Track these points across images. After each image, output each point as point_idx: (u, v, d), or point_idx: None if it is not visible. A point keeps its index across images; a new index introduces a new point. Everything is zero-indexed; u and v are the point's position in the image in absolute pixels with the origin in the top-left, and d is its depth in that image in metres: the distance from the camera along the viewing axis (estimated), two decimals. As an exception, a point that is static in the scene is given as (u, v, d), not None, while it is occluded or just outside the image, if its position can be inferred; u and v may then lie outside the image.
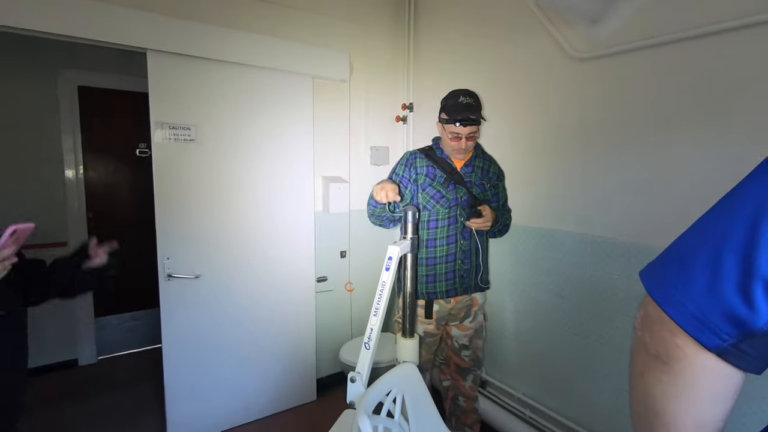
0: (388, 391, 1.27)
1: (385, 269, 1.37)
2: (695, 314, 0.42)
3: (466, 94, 1.74)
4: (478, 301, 1.92)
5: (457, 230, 1.81)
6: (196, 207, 2.05)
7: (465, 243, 1.83)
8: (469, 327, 1.90)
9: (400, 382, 1.32)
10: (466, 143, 1.76)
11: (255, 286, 2.24)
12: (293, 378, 2.42)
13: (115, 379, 2.71)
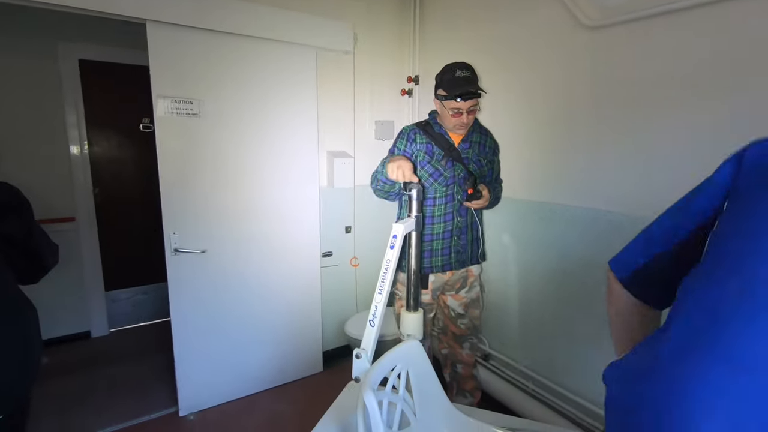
0: (392, 366, 1.28)
1: (389, 247, 1.36)
2: (618, 260, 0.75)
3: (462, 67, 1.69)
4: (473, 272, 1.94)
5: (454, 208, 1.81)
6: (200, 182, 2.05)
7: (461, 220, 1.83)
8: (464, 297, 1.93)
9: (405, 359, 1.33)
10: (467, 117, 1.72)
11: (261, 261, 2.26)
12: (300, 350, 2.48)
13: (127, 351, 2.79)
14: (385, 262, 1.35)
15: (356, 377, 1.30)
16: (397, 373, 1.30)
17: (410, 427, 1.30)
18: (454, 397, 2.09)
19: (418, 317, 1.53)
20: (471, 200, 1.77)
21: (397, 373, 1.29)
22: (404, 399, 1.31)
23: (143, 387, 2.36)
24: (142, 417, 2.09)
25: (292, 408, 2.20)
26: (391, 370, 1.28)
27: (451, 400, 2.04)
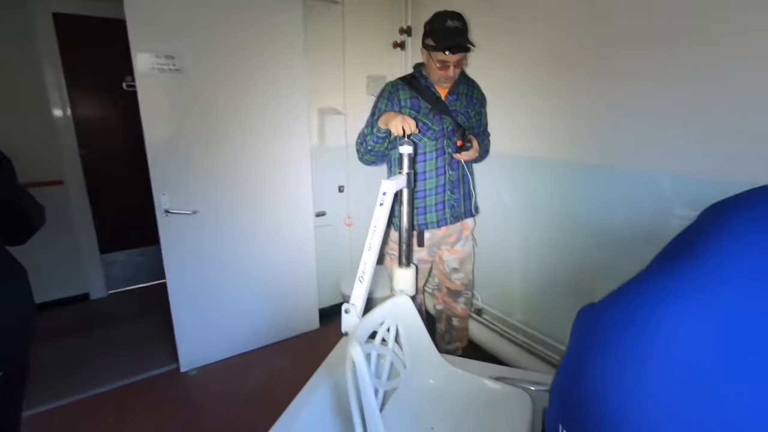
0: (381, 321, 1.31)
1: (379, 204, 1.35)
2: None
3: (453, 17, 1.61)
4: (468, 225, 1.95)
5: (445, 162, 1.78)
6: (188, 142, 2.00)
7: (453, 174, 1.82)
8: (459, 251, 1.95)
9: (394, 313, 1.35)
10: (453, 71, 1.67)
11: (253, 221, 2.25)
12: (296, 308, 2.52)
13: (126, 312, 2.84)
14: (375, 219, 1.34)
15: (345, 332, 1.32)
16: (387, 327, 1.32)
17: (400, 378, 1.34)
18: (447, 345, 2.17)
19: (410, 273, 1.55)
20: (461, 152, 1.74)
21: (386, 327, 1.32)
22: (394, 352, 1.34)
23: (143, 346, 2.42)
24: (144, 374, 2.16)
25: (290, 363, 2.27)
26: (380, 325, 1.31)
27: (442, 347, 2.11)
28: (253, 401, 1.96)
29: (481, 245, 2.23)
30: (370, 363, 1.23)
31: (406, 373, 1.35)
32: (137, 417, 1.88)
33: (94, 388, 2.04)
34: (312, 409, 1.23)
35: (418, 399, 1.33)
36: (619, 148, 1.57)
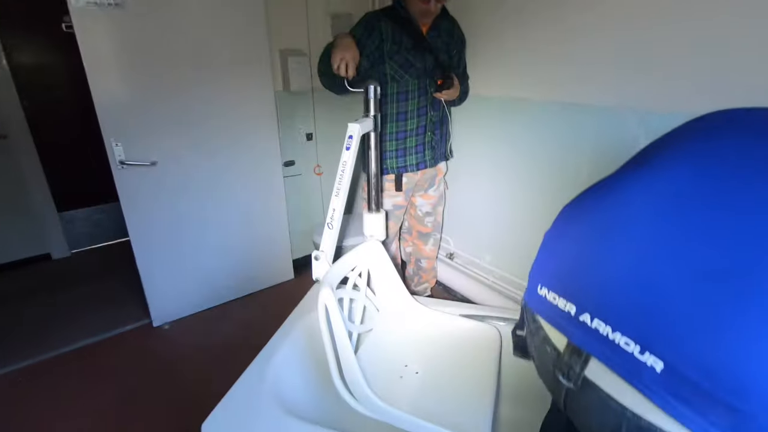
0: (353, 266, 1.30)
1: (345, 148, 1.30)
2: None
3: None
4: (441, 170, 1.96)
5: (428, 102, 1.73)
6: (139, 86, 1.85)
7: (435, 114, 1.78)
8: (433, 195, 1.96)
9: (365, 258, 1.35)
10: (435, 5, 1.58)
11: (218, 172, 2.16)
12: (270, 259, 2.50)
13: (92, 270, 2.76)
14: (342, 163, 1.30)
15: (316, 278, 1.32)
16: (358, 272, 1.32)
17: (374, 321, 1.36)
18: (416, 286, 2.23)
19: (380, 218, 1.53)
20: (442, 90, 1.69)
21: (357, 272, 1.32)
22: (366, 296, 1.35)
23: (113, 303, 2.37)
24: (116, 329, 2.13)
25: (265, 313, 2.28)
26: (351, 270, 1.31)
27: (412, 289, 2.16)
28: (228, 350, 1.98)
29: (453, 189, 2.23)
30: (343, 308, 1.25)
31: (380, 316, 1.37)
32: (110, 372, 1.87)
33: (62, 347, 2.01)
34: (285, 351, 1.25)
35: (391, 340, 1.37)
36: (589, 86, 1.55)
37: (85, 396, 1.74)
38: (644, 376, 0.47)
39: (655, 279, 0.49)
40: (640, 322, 0.49)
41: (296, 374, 1.25)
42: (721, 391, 0.42)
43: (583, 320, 0.54)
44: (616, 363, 0.50)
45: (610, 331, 0.51)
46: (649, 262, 0.50)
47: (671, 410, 0.46)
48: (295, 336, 1.31)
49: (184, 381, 1.81)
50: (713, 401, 0.43)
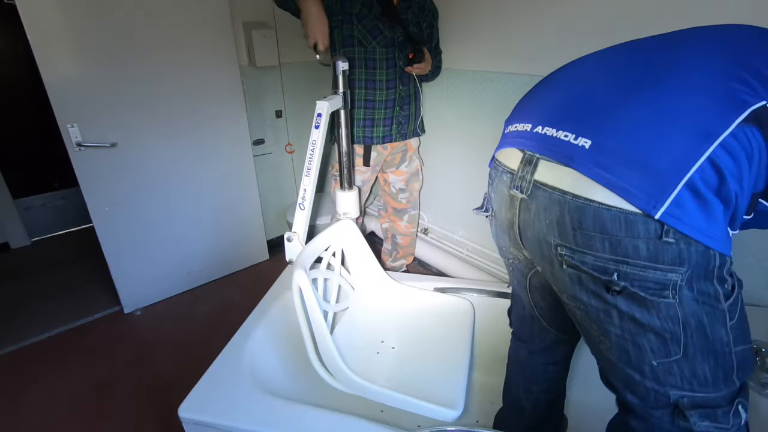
0: (326, 246, 1.30)
1: (314, 127, 1.27)
2: None
3: None
4: (412, 146, 1.94)
5: (397, 75, 1.70)
6: (90, 62, 1.73)
7: (404, 89, 1.75)
8: (405, 171, 1.96)
9: (338, 237, 1.35)
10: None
11: (184, 151, 2.08)
12: (244, 241, 2.46)
13: (55, 259, 2.65)
14: (311, 143, 1.28)
15: (289, 259, 1.31)
16: (332, 252, 1.32)
17: (349, 299, 1.37)
18: (393, 262, 2.25)
19: (353, 195, 1.52)
20: (413, 64, 1.66)
21: (331, 251, 1.32)
22: (341, 275, 1.36)
23: (81, 291, 2.29)
24: (85, 318, 2.08)
25: (241, 295, 2.26)
26: (325, 250, 1.30)
27: (388, 265, 2.19)
28: (204, 334, 1.97)
29: (427, 165, 2.23)
30: (318, 288, 1.25)
31: (355, 294, 1.38)
32: (81, 361, 1.83)
33: (29, 338, 1.94)
34: (261, 332, 1.25)
35: (367, 317, 1.39)
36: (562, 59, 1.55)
37: (58, 386, 1.70)
38: (578, 156, 0.65)
39: (590, 93, 0.71)
40: (576, 120, 0.69)
41: (273, 354, 1.25)
42: (627, 154, 0.62)
43: (536, 131, 0.73)
44: (559, 152, 0.68)
45: (555, 132, 0.70)
46: (587, 83, 0.74)
47: (597, 177, 0.63)
48: (270, 316, 1.30)
49: (160, 366, 1.79)
50: (623, 163, 0.61)
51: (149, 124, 1.94)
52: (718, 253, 0.62)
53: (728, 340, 0.67)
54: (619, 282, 0.65)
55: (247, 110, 2.24)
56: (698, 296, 0.64)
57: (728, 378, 0.69)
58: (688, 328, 0.66)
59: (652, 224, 0.61)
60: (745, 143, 0.58)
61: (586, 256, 0.68)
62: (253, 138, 2.33)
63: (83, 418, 1.55)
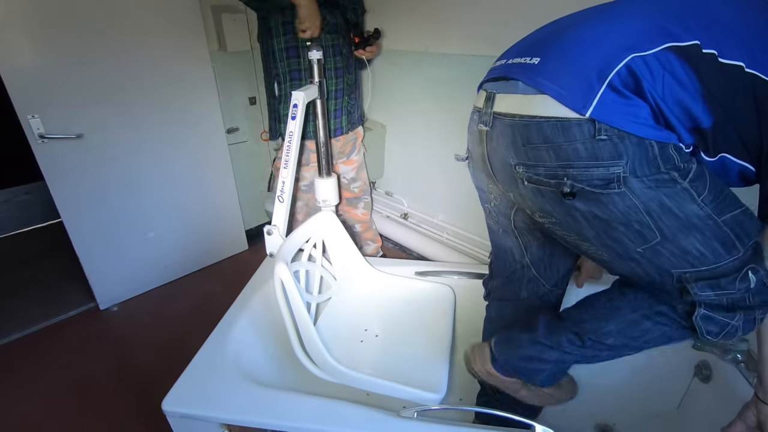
0: (307, 238, 1.29)
1: (291, 118, 1.25)
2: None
3: None
4: (360, 133, 1.94)
5: (344, 63, 1.67)
6: (50, 49, 1.64)
7: (350, 77, 1.73)
8: (355, 160, 1.95)
9: (319, 229, 1.34)
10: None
11: (155, 142, 2.01)
12: (222, 231, 2.43)
13: (23, 256, 2.55)
14: (288, 134, 1.26)
15: (270, 252, 1.30)
16: (313, 243, 1.32)
17: (332, 289, 1.37)
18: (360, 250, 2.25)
19: (332, 182, 1.51)
20: (365, 47, 1.64)
21: (312, 243, 1.31)
22: (323, 266, 1.36)
23: (53, 288, 2.23)
24: (59, 316, 2.02)
25: (220, 286, 2.24)
26: (306, 242, 1.30)
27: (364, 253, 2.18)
28: (184, 327, 1.94)
29: (402, 151, 2.23)
30: (299, 280, 1.24)
31: (337, 284, 1.39)
32: (58, 360, 1.79)
33: (1, 338, 1.88)
34: (244, 322, 1.24)
35: (350, 306, 1.40)
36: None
37: (35, 386, 1.66)
38: (528, 71, 0.75)
39: (558, 29, 0.79)
40: (535, 46, 0.79)
41: (257, 343, 1.25)
42: (566, 64, 0.72)
43: (511, 62, 0.82)
44: (521, 72, 0.77)
45: (527, 59, 0.78)
46: (556, 25, 0.81)
47: (539, 85, 0.72)
48: (252, 306, 1.30)
49: (140, 362, 1.77)
50: (562, 71, 0.71)
51: (117, 113, 1.86)
52: (654, 142, 0.68)
53: (707, 213, 0.71)
54: (569, 183, 0.73)
55: (220, 97, 2.18)
56: (649, 183, 0.70)
57: (729, 246, 0.72)
58: (653, 212, 0.71)
59: (585, 126, 0.69)
60: (667, 66, 0.65)
61: (539, 168, 0.76)
62: (226, 126, 2.27)
63: (63, 418, 1.53)
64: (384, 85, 2.18)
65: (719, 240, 0.72)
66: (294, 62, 1.58)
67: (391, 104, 2.21)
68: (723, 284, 0.74)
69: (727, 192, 0.74)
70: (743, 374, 1.02)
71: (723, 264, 0.73)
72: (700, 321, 0.76)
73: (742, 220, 0.73)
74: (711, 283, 0.74)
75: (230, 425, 1.01)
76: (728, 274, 0.74)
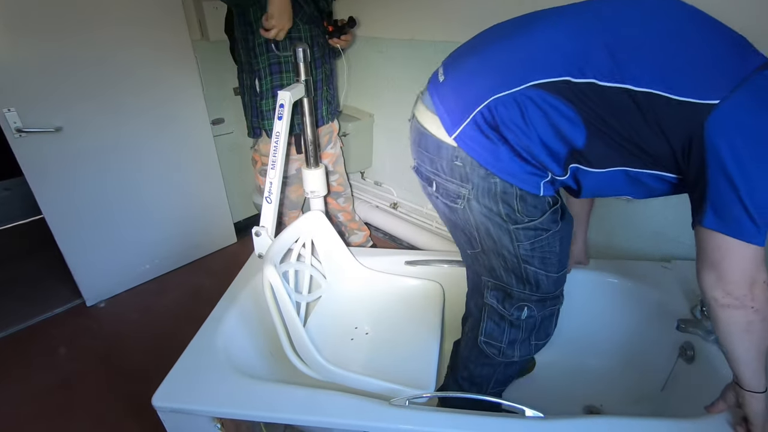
0: (296, 238, 1.28)
1: (277, 118, 1.23)
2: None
3: None
4: (335, 126, 1.90)
5: (321, 53, 1.64)
6: (25, 39, 1.58)
7: (328, 67, 1.70)
8: (332, 153, 1.92)
9: (307, 229, 1.34)
10: None
11: (137, 134, 1.96)
12: (209, 224, 2.40)
13: (7, 254, 2.49)
14: (275, 134, 1.24)
15: (259, 254, 1.29)
16: (302, 243, 1.31)
17: (321, 288, 1.37)
18: (348, 239, 2.24)
19: (319, 173, 1.50)
20: (340, 36, 1.61)
21: (301, 243, 1.31)
22: (312, 265, 1.35)
23: (37, 286, 2.19)
24: (44, 314, 1.99)
25: (210, 280, 2.22)
26: (295, 242, 1.29)
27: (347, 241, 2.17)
28: (174, 322, 1.94)
29: (390, 140, 2.22)
30: (289, 280, 1.24)
31: (326, 283, 1.39)
32: (46, 357, 1.77)
33: (-14, 338, 1.85)
34: (233, 317, 1.23)
35: (340, 304, 1.40)
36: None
37: (23, 384, 1.64)
38: (435, 88, 0.87)
39: (472, 48, 0.86)
40: (450, 68, 0.87)
41: (247, 337, 1.25)
42: (454, 90, 0.83)
43: (438, 71, 0.89)
44: (432, 86, 0.88)
45: (441, 75, 0.87)
46: (477, 42, 0.87)
47: (432, 104, 0.85)
48: (241, 300, 1.29)
49: (129, 358, 1.76)
50: (450, 95, 0.83)
51: (97, 105, 1.81)
52: (499, 180, 0.81)
53: (516, 254, 0.90)
54: (435, 188, 0.92)
55: (203, 88, 2.13)
56: (484, 210, 0.86)
57: (521, 281, 0.94)
58: (480, 231, 0.91)
59: (450, 149, 0.83)
60: (528, 104, 0.73)
61: (422, 167, 0.94)
62: (211, 117, 2.23)
63: (52, 417, 1.52)
64: (370, 74, 2.16)
65: (515, 273, 0.93)
66: (274, 56, 1.55)
67: (378, 93, 2.18)
68: (505, 302, 0.98)
69: (552, 260, 0.91)
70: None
71: (512, 288, 0.96)
72: (487, 318, 1.03)
73: (541, 279, 0.93)
74: (499, 295, 0.99)
75: (222, 419, 1.01)
76: (512, 297, 0.97)
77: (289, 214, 1.91)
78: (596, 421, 0.92)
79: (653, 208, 1.42)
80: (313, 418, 0.95)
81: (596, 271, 1.38)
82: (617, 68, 0.67)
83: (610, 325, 1.39)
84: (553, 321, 1.04)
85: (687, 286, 1.26)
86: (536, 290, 0.94)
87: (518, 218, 0.85)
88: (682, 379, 1.20)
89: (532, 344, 1.03)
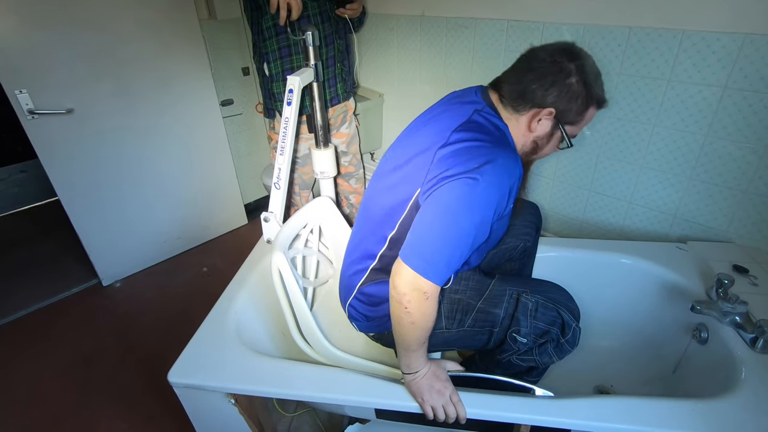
0: (304, 224, 1.28)
1: (286, 104, 1.21)
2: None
3: None
4: (350, 105, 1.85)
5: (332, 28, 1.59)
6: (36, 21, 1.58)
7: (341, 43, 1.65)
8: (346, 133, 1.89)
9: (316, 215, 1.33)
10: None
11: (148, 116, 1.97)
12: (221, 206, 2.42)
13: (23, 235, 2.56)
14: (284, 120, 1.22)
15: (268, 239, 1.29)
16: (310, 229, 1.31)
17: (329, 273, 1.38)
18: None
19: (329, 153, 1.48)
20: (345, 5, 1.56)
21: (309, 229, 1.30)
22: (320, 251, 1.35)
23: (55, 266, 2.25)
24: (62, 293, 2.05)
25: (221, 260, 2.25)
26: (303, 228, 1.29)
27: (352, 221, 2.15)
28: (188, 301, 1.98)
29: (401, 120, 2.18)
30: (297, 266, 1.24)
31: (334, 269, 1.39)
32: (66, 335, 1.83)
33: (7, 316, 1.92)
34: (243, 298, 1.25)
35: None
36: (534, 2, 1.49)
37: (45, 359, 1.71)
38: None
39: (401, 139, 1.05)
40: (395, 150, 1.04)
41: (258, 316, 1.27)
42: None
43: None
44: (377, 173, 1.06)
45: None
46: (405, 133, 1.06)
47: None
48: (252, 280, 1.30)
49: (145, 335, 1.81)
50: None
51: (107, 86, 1.82)
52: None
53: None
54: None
55: (212, 68, 2.12)
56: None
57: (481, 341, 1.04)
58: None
59: None
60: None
61: None
62: (220, 98, 2.22)
63: (74, 389, 1.58)
64: (380, 53, 2.11)
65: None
66: (283, 39, 1.51)
67: (388, 72, 2.14)
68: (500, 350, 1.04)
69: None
70: (741, 336, 1.03)
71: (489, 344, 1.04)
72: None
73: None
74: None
75: (236, 395, 1.03)
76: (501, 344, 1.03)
77: (302, 194, 1.91)
78: (606, 401, 0.92)
79: (668, 189, 1.38)
80: (326, 395, 0.96)
81: (610, 251, 1.36)
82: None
83: (622, 306, 1.38)
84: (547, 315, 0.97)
85: (702, 267, 1.24)
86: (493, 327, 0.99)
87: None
88: (694, 361, 1.18)
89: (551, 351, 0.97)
